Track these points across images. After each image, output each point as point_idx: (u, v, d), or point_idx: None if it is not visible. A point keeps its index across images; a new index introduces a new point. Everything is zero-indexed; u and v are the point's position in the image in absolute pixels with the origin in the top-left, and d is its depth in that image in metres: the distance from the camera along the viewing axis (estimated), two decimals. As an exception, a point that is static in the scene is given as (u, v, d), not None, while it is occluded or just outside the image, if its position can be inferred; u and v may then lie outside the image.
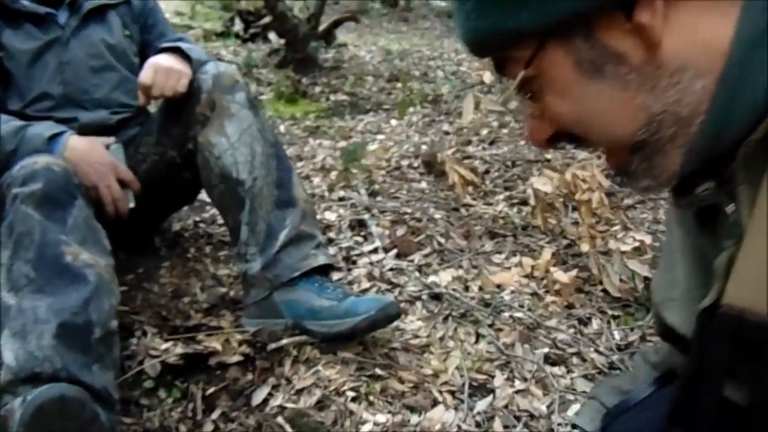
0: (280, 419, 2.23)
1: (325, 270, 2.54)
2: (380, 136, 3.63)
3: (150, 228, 3.09)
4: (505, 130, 3.94)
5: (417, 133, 3.67)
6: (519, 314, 2.71)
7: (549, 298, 2.82)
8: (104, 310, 2.04)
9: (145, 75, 2.49)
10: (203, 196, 3.41)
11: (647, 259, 2.90)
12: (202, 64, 2.57)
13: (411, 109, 4.65)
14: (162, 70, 2.48)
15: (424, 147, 3.67)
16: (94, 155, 2.46)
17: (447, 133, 3.80)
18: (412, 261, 2.94)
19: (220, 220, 3.22)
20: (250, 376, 2.38)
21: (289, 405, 2.29)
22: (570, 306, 2.80)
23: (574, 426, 1.85)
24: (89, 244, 2.17)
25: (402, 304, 2.69)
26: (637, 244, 2.96)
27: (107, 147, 2.56)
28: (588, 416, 1.83)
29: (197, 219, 3.18)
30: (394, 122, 4.31)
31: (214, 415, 2.30)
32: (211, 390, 2.35)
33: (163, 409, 2.31)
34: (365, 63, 7.60)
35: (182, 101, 2.52)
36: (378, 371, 2.44)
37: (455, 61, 7.49)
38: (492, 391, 2.44)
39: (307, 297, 2.48)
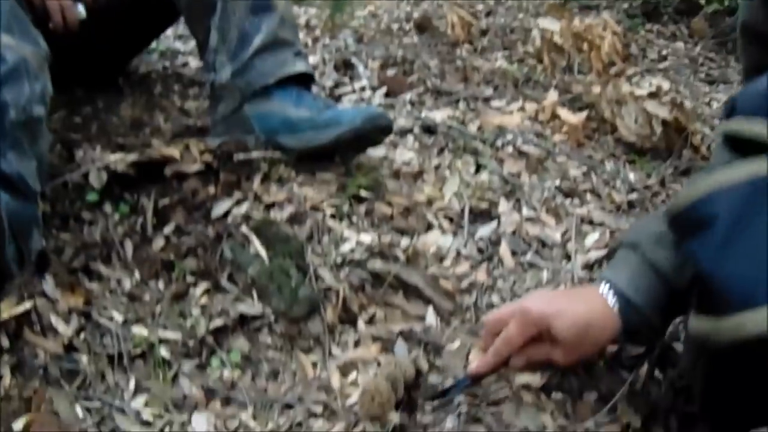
0: (244, 228, 1.68)
1: (304, 81, 1.96)
2: (370, 7, 3.06)
3: (113, 66, 2.52)
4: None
5: (410, 4, 3.10)
6: (525, 147, 2.15)
7: (557, 137, 2.27)
8: (24, 94, 1.51)
9: None
10: (177, 44, 2.86)
11: (666, 102, 2.34)
12: None
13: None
14: None
15: (416, 15, 3.11)
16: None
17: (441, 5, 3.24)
18: (403, 100, 2.37)
19: (193, 63, 2.65)
20: (212, 190, 1.84)
21: (256, 215, 1.72)
22: (581, 145, 2.24)
23: (606, 281, 1.40)
24: (14, 31, 1.61)
25: (392, 137, 2.12)
26: (653, 89, 2.41)
27: None
28: (626, 272, 1.38)
29: (166, 64, 2.60)
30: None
31: (167, 230, 1.74)
32: (165, 202, 1.79)
33: (107, 224, 1.73)
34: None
35: None
36: (363, 193, 1.88)
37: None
38: (496, 218, 1.88)
39: (283, 108, 1.94)
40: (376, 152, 2.11)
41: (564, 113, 2.33)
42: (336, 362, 1.57)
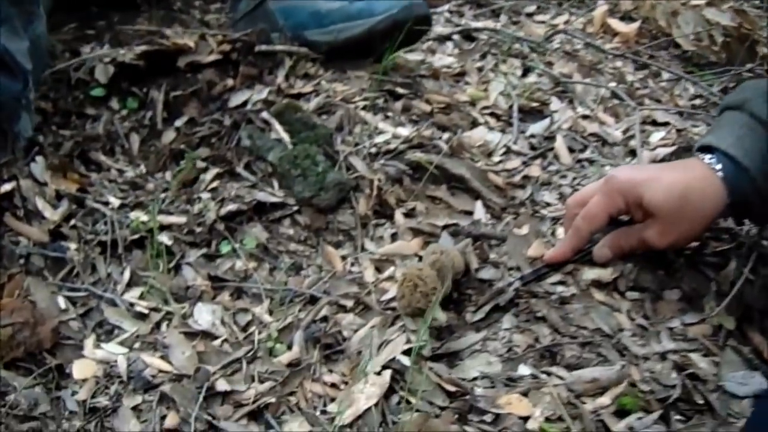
0: (264, 114, 1.32)
1: (333, -28, 1.61)
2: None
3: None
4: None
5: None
6: (576, 52, 1.77)
7: (609, 46, 1.88)
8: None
9: None
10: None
11: (727, 9, 1.94)
12: None
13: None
14: None
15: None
16: None
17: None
18: (441, 10, 2.00)
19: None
20: (230, 82, 1.50)
21: (279, 102, 1.37)
22: (636, 54, 1.85)
23: (706, 149, 1.07)
24: None
25: (429, 43, 1.75)
26: (712, -3, 2.01)
27: None
28: (730, 132, 1.06)
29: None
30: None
31: (178, 122, 1.39)
32: (178, 94, 1.42)
33: (112, 118, 1.39)
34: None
35: None
36: (400, 90, 1.52)
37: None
38: (548, 116, 1.51)
39: (311, -1, 1.56)
40: (413, 56, 1.74)
41: (615, 23, 1.95)
42: (370, 257, 1.21)
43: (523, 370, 1.01)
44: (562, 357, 1.04)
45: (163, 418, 0.93)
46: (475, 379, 0.99)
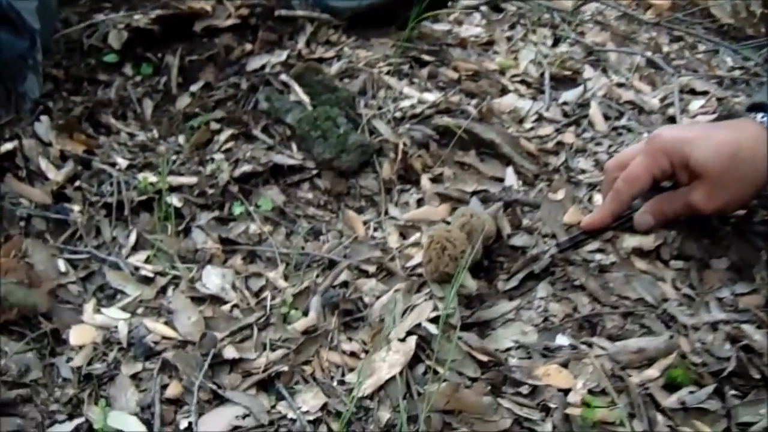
0: (284, 77, 1.19)
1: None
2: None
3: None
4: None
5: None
6: (609, 22, 1.63)
7: (642, 17, 1.74)
8: None
9: None
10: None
11: (767, -20, 1.80)
12: None
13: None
14: None
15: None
16: None
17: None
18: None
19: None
20: (248, 47, 1.35)
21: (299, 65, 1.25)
22: (671, 28, 1.71)
23: (757, 107, 0.93)
24: None
25: (455, 14, 1.63)
26: (750, -31, 1.86)
27: None
28: None
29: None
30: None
31: (194, 87, 1.26)
32: (193, 59, 1.30)
33: (125, 84, 1.27)
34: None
35: None
36: (426, 57, 1.38)
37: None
38: (581, 84, 1.37)
39: (333, -38, 1.45)
40: (439, 26, 1.61)
41: (652, -3, 1.81)
42: (394, 223, 1.08)
43: (561, 340, 0.88)
44: (603, 327, 0.91)
45: (165, 387, 0.81)
46: (509, 349, 0.87)
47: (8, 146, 1.07)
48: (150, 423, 0.77)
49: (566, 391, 0.80)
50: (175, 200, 1.06)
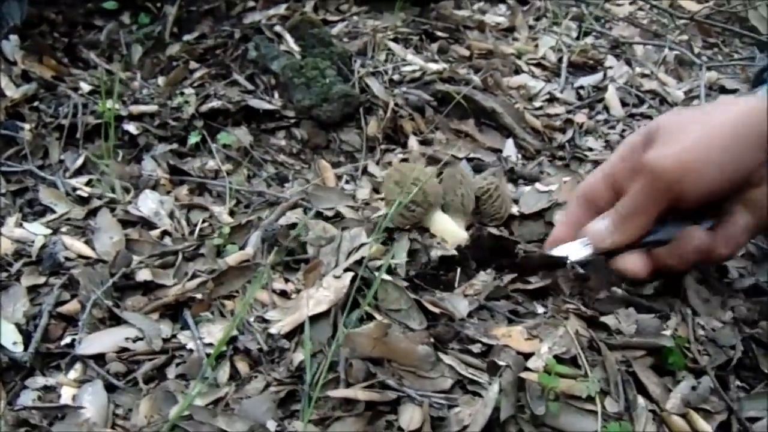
0: (278, 28, 1.06)
1: None
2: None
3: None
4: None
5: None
6: (638, 20, 1.48)
7: (674, 24, 1.58)
8: None
9: None
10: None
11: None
12: None
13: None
14: None
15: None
16: None
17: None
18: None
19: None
20: (251, 3, 1.22)
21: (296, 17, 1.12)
22: (706, 33, 1.55)
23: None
24: None
25: (480, 4, 1.50)
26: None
27: None
28: None
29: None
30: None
31: (188, 37, 1.14)
32: (192, 10, 1.19)
33: (119, 30, 1.16)
34: None
35: None
36: (439, 33, 1.25)
37: None
38: (602, 71, 1.21)
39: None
40: (460, 12, 1.48)
41: (684, 2, 1.65)
42: (370, 179, 0.93)
43: (538, 308, 0.71)
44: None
45: (62, 303, 0.67)
46: (471, 314, 0.70)
47: (-34, 58, 0.96)
48: (31, 335, 0.63)
49: (527, 356, 0.63)
50: (132, 128, 0.93)
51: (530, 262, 0.72)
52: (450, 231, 0.73)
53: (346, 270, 0.66)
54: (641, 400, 0.62)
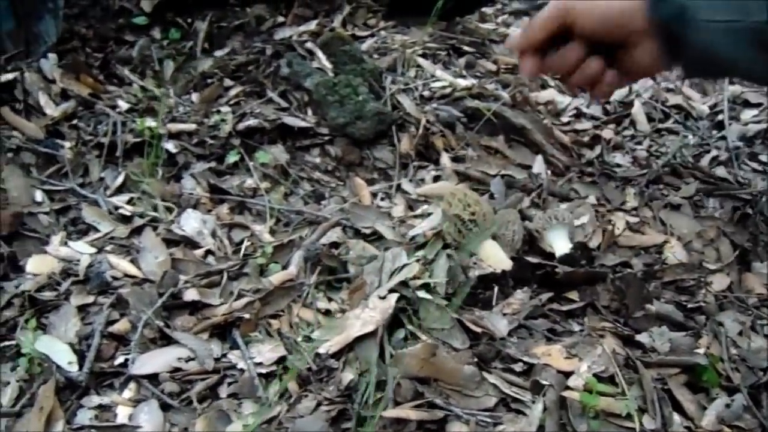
0: (309, 44, 1.09)
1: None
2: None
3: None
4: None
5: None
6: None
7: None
8: None
9: None
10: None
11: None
12: None
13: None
14: None
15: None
16: None
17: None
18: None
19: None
20: (280, 19, 1.25)
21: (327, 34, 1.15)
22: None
23: None
24: None
25: (504, 17, 1.52)
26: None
27: None
28: None
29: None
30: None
31: (219, 53, 1.17)
32: (223, 26, 1.22)
33: (150, 45, 1.19)
34: None
35: None
36: (466, 48, 1.28)
37: None
38: (627, 86, 1.23)
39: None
40: (485, 25, 1.50)
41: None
42: (405, 196, 0.96)
43: (574, 326, 0.73)
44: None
45: (113, 323, 0.69)
46: (511, 333, 0.72)
47: (9, 77, 0.99)
48: (84, 354, 0.65)
49: (567, 374, 0.65)
50: (170, 146, 0.96)
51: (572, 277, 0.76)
52: (498, 257, 0.76)
53: (391, 291, 0.68)
54: (677, 417, 0.64)
